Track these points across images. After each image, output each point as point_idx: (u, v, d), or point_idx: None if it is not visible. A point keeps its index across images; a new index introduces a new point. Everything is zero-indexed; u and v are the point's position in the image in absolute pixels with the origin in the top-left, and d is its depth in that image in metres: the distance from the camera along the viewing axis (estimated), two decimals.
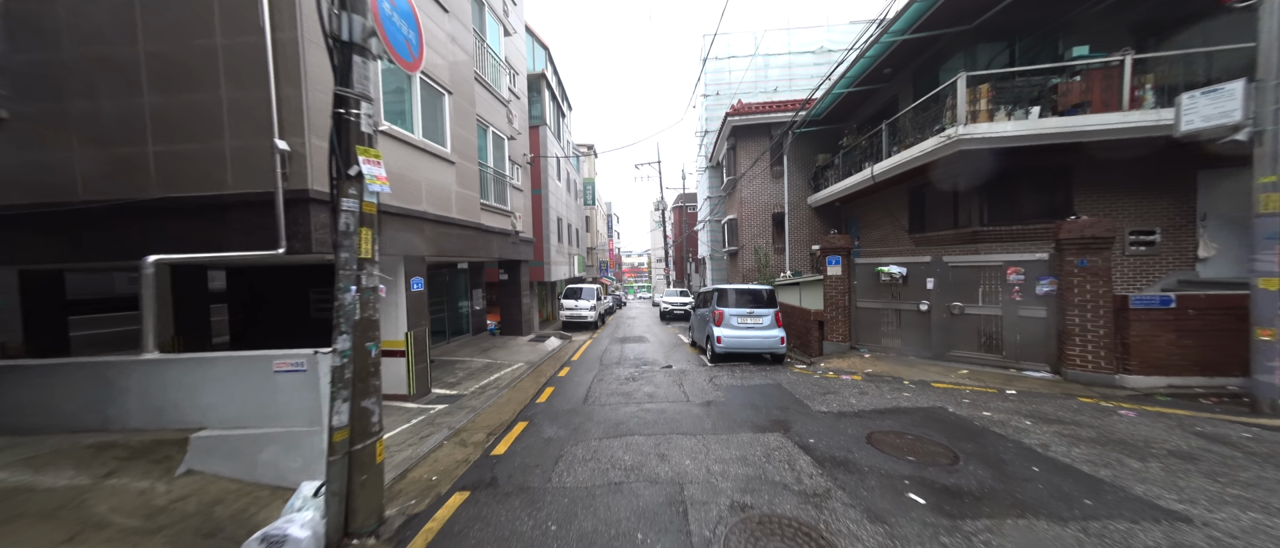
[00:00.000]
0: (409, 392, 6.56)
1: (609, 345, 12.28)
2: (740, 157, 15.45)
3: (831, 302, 8.48)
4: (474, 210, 8.50)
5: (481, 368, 9.03)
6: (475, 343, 11.87)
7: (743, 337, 8.53)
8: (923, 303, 7.36)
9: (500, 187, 10.26)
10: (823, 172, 14.07)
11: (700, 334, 10.40)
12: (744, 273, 15.27)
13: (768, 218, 15.19)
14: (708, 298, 10.09)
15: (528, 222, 13.27)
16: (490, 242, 9.65)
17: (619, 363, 9.40)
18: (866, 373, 7.10)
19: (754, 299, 8.85)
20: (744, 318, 8.70)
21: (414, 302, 6.73)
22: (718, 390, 6.59)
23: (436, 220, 7.17)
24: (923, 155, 7.93)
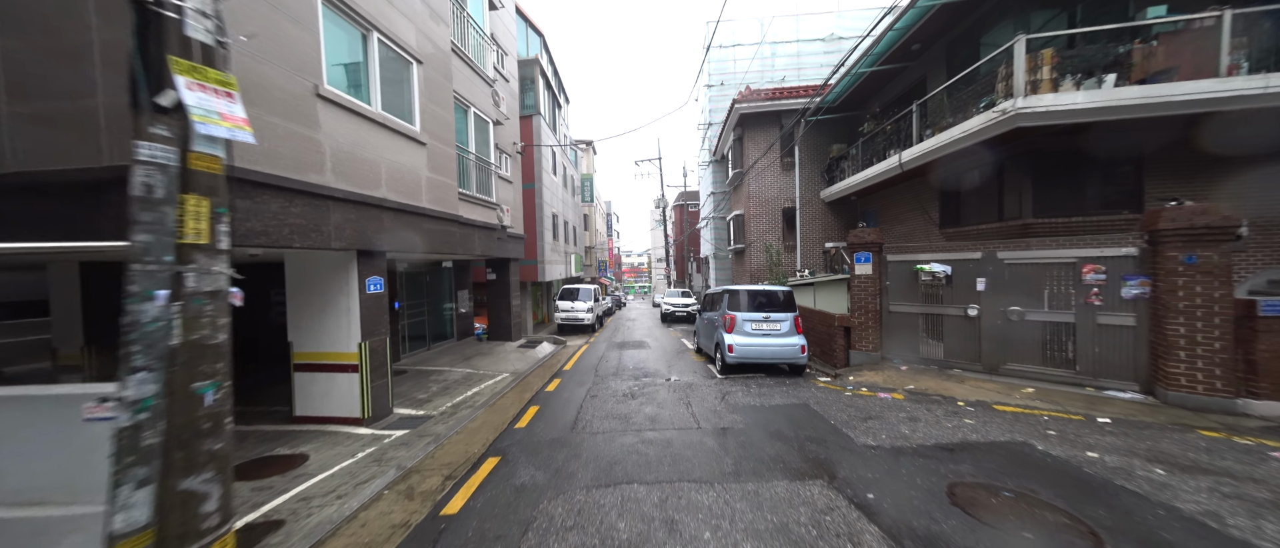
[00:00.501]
0: (363, 415, 5.41)
1: (606, 352, 11.13)
2: (748, 148, 14.30)
3: (860, 305, 7.32)
4: (450, 200, 7.35)
5: (460, 380, 7.88)
6: (458, 349, 10.72)
7: (758, 345, 7.38)
8: (970, 307, 6.21)
9: (484, 176, 9.13)
10: (837, 163, 12.92)
11: (707, 341, 9.24)
12: (752, 272, 14.13)
13: (777, 213, 14.04)
14: (716, 300, 8.93)
15: (518, 217, 12.12)
16: (472, 237, 8.49)
17: (616, 374, 8.25)
18: (908, 390, 5.95)
19: (770, 302, 7.70)
20: (759, 324, 7.55)
21: (370, 306, 5.58)
22: (733, 413, 5.44)
23: (400, 209, 6.02)
24: (966, 136, 6.78)
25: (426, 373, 8.41)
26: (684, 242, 34.93)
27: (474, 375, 8.25)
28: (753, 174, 14.03)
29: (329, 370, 5.46)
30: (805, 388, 6.61)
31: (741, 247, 15.17)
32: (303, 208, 4.43)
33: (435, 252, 6.96)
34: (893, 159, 9.10)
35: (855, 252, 7.42)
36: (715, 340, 8.27)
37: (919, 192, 9.65)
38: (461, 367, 8.96)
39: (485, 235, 9.09)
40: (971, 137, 6.71)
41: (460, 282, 12.28)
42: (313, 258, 5.47)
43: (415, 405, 6.34)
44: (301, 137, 4.42)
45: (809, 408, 5.52)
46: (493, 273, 11.70)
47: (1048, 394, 5.29)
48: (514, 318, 11.79)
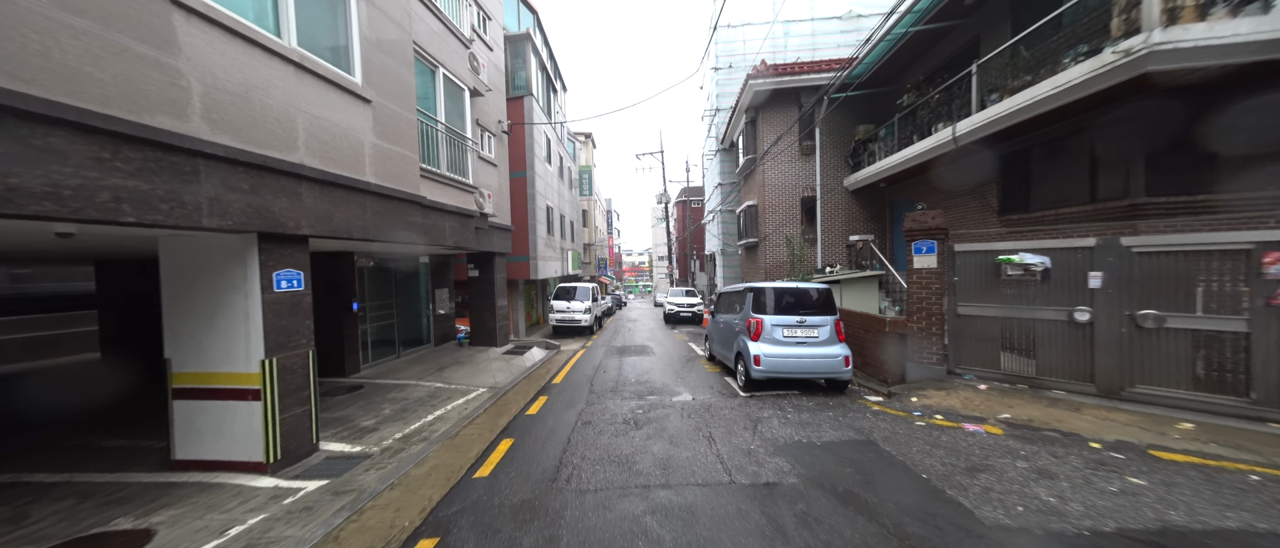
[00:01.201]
0: (268, 458, 3.91)
1: (604, 359, 9.63)
2: (762, 131, 12.78)
3: (919, 306, 5.82)
4: (408, 176, 5.84)
5: (424, 398, 6.37)
6: (433, 358, 9.21)
7: (791, 356, 5.88)
8: (1079, 310, 4.70)
9: (458, 153, 7.62)
10: (864, 146, 11.40)
11: (723, 348, 7.73)
12: (767, 269, 12.62)
13: (795, 203, 12.52)
14: (735, 301, 7.42)
15: (505, 207, 10.62)
16: (441, 224, 6.98)
17: (616, 390, 6.74)
18: (1002, 420, 4.44)
19: (804, 303, 6.20)
20: (792, 329, 6.04)
21: (281, 309, 4.07)
22: (776, 455, 3.94)
23: (330, 181, 4.51)
24: (1058, 94, 5.29)
25: (386, 388, 6.91)
26: (687, 239, 33.42)
27: (443, 392, 6.74)
28: (768, 161, 12.51)
29: (221, 397, 3.96)
30: (858, 413, 5.10)
31: (754, 241, 13.66)
32: (141, 164, 2.92)
33: (386, 239, 5.47)
34: (943, 133, 7.58)
35: (914, 239, 5.90)
36: (735, 349, 6.76)
37: (972, 172, 8.13)
38: (431, 379, 7.45)
39: (460, 223, 7.58)
40: (1069, 92, 5.20)
41: (440, 279, 10.77)
42: (197, 244, 3.97)
43: (353, 438, 4.84)
44: (140, 58, 2.91)
45: (878, 448, 4.02)
46: (475, 269, 10.19)
47: (1219, 432, 3.78)
48: (499, 320, 10.28)
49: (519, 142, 13.84)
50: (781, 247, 12.45)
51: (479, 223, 8.47)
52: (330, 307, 7.57)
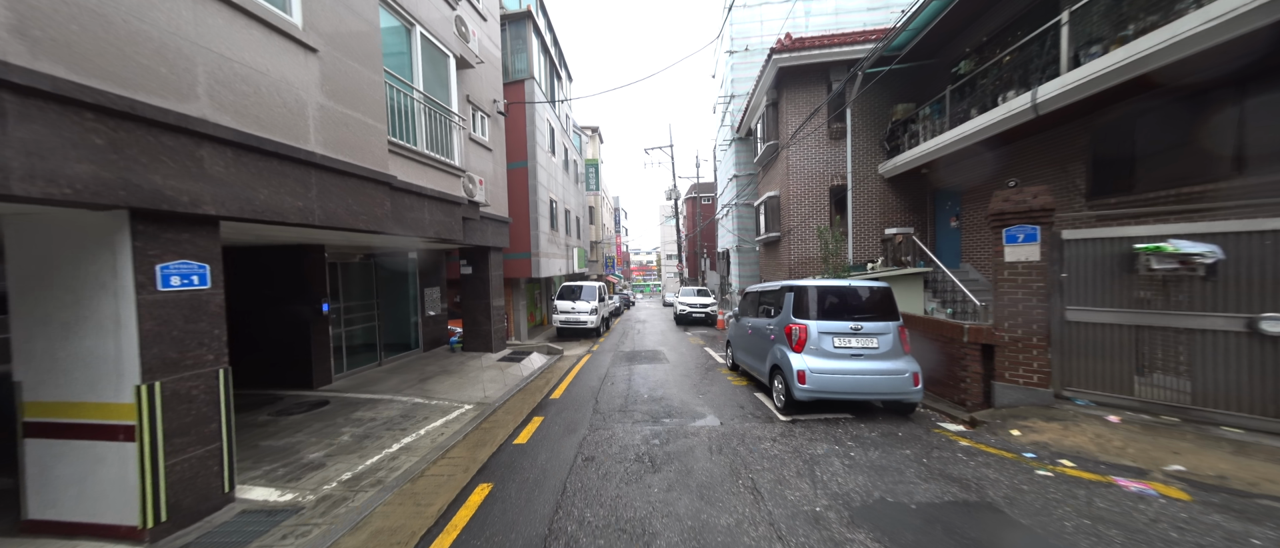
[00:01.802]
0: (143, 522, 2.81)
1: (612, 367, 8.47)
2: (785, 114, 11.50)
3: (1013, 310, 4.54)
4: (370, 150, 4.73)
5: (396, 418, 5.26)
6: (418, 365, 8.12)
7: (846, 372, 4.66)
8: (1269, 318, 3.39)
9: (442, 130, 6.50)
10: (904, 128, 10.08)
11: (751, 357, 6.51)
12: (791, 266, 11.34)
13: (823, 193, 11.23)
14: (766, 303, 6.19)
15: (501, 197, 9.51)
16: (418, 211, 5.87)
17: (625, 410, 5.57)
18: (1173, 472, 3.18)
19: (859, 306, 4.97)
20: (845, 339, 4.81)
21: (172, 316, 2.97)
22: (856, 528, 2.75)
23: (248, 146, 3.40)
24: (1211, 28, 3.97)
25: (355, 404, 5.81)
26: (697, 236, 32.15)
27: (420, 410, 5.63)
28: (792, 146, 11.22)
29: (85, 436, 2.86)
30: (944, 451, 3.87)
31: (775, 235, 12.39)
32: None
33: (340, 225, 4.36)
34: (1016, 103, 6.27)
35: (1007, 225, 4.62)
36: (769, 361, 5.54)
37: (1051, 149, 6.80)
38: (410, 393, 6.35)
39: (443, 211, 6.46)
40: (1227, 27, 3.89)
41: (430, 277, 9.69)
42: (53, 224, 2.87)
43: (289, 479, 3.72)
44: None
45: (1007, 519, 2.79)
46: (467, 265, 9.09)
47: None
48: (495, 323, 9.17)
49: (519, 129, 12.75)
50: (809, 241, 11.18)
51: (468, 213, 7.35)
52: (293, 308, 6.50)
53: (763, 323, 6.09)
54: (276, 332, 6.56)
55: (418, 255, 9.29)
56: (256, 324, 6.62)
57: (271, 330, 6.58)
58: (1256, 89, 4.47)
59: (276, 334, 6.56)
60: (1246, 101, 4.56)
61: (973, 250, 8.95)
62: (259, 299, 6.64)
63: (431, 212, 6.14)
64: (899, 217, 10.80)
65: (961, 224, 9.37)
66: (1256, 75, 4.41)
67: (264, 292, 6.64)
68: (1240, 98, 4.60)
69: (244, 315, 6.74)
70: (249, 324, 6.67)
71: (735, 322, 7.60)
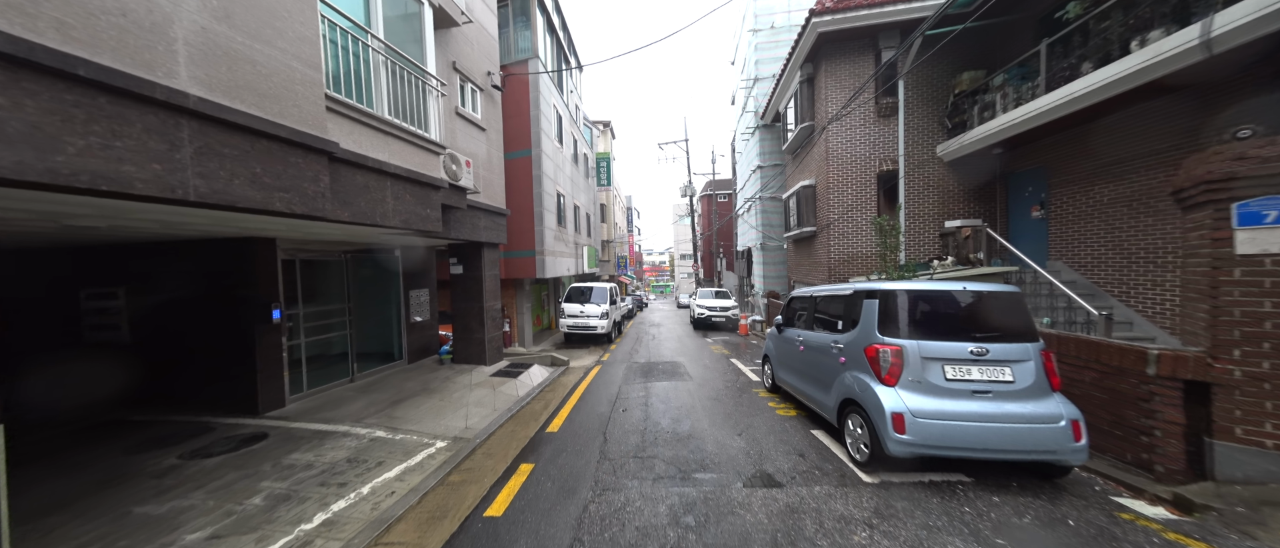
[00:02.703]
0: None
1: (624, 385, 7.06)
2: (825, 89, 9.93)
3: (1252, 331, 2.93)
4: (295, 100, 3.42)
5: (338, 465, 3.92)
6: (395, 381, 6.82)
7: (970, 416, 3.18)
8: None
9: (413, 94, 5.18)
10: (970, 100, 8.42)
11: (804, 381, 5.03)
12: (831, 265, 9.76)
13: (869, 180, 9.62)
14: (832, 312, 4.69)
15: (498, 186, 8.19)
16: (375, 191, 4.54)
17: (642, 455, 4.14)
18: None
19: (980, 318, 3.46)
20: (963, 367, 3.30)
21: None
22: None
23: (37, 66, 2.05)
24: None
25: (299, 439, 4.51)
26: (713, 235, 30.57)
27: (376, 449, 4.29)
28: (833, 127, 9.64)
29: None
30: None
31: (810, 229, 10.81)
32: None
33: (237, 202, 3.03)
34: (1172, 41, 4.61)
35: (1238, 196, 3.01)
36: (840, 392, 4.03)
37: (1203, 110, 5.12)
38: (372, 422, 5.03)
39: (415, 195, 5.12)
40: None
41: (417, 277, 8.41)
42: None
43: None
44: None
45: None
46: (458, 263, 7.79)
47: None
48: (489, 330, 7.83)
49: (522, 114, 11.45)
50: (853, 236, 9.59)
51: (452, 200, 6.02)
52: (234, 316, 5.26)
53: (822, 339, 4.59)
54: (217, 344, 5.33)
55: (403, 253, 8.02)
56: (191, 335, 5.40)
57: (212, 342, 5.35)
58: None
59: (217, 347, 5.33)
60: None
61: (1066, 245, 7.27)
62: (191, 303, 5.42)
63: (398, 195, 4.81)
64: (961, 207, 9.14)
65: (1048, 213, 7.68)
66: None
67: (198, 295, 5.42)
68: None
69: (169, 324, 5.53)
70: (181, 335, 5.44)
71: (777, 334, 6.10)
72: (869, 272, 9.42)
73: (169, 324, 5.55)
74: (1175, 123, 5.40)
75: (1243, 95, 4.73)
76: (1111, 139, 6.19)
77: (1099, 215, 6.60)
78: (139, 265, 5.61)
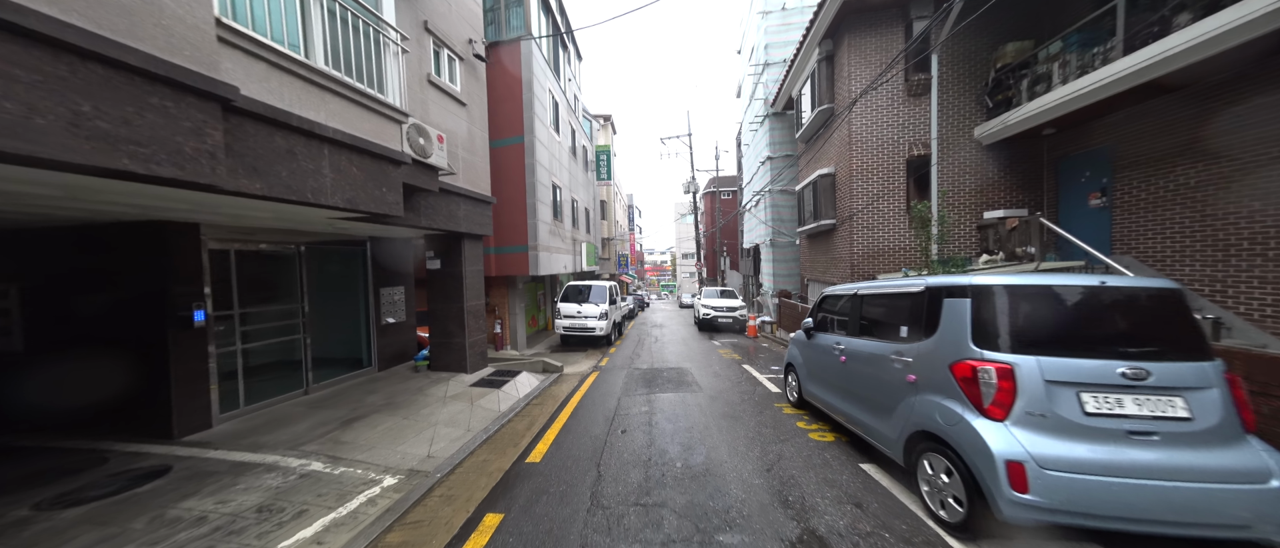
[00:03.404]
0: None
1: (624, 396, 6.04)
2: (847, 66, 8.89)
3: None
4: (171, 28, 2.40)
5: (241, 517, 2.90)
6: (357, 395, 5.79)
7: (1131, 469, 2.13)
8: None
9: (364, 46, 4.17)
10: (1015, 75, 7.39)
11: (853, 404, 4.00)
12: (854, 261, 8.73)
13: (897, 166, 8.58)
14: (885, 315, 3.67)
15: (482, 171, 7.17)
16: (307, 159, 3.53)
17: (645, 502, 3.13)
18: None
19: (1122, 325, 2.40)
20: (1111, 396, 2.25)
21: None
22: None
23: None
24: None
25: (205, 477, 3.49)
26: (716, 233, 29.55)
27: (301, 492, 3.27)
28: (857, 108, 8.60)
29: None
30: None
31: (829, 222, 9.77)
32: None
33: (42, 152, 2.03)
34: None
35: None
36: (909, 421, 3.01)
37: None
38: (311, 449, 4.01)
39: (366, 169, 4.10)
40: None
41: (388, 273, 7.39)
42: None
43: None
44: None
45: None
46: (434, 257, 6.78)
47: None
48: (471, 334, 6.82)
49: (514, 96, 10.44)
50: (880, 228, 8.55)
51: (418, 179, 5.01)
52: (143, 319, 4.25)
53: (873, 349, 3.56)
54: (126, 353, 4.32)
55: (373, 245, 7.01)
56: (98, 342, 4.40)
57: (120, 351, 4.34)
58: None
59: (125, 357, 4.32)
60: None
61: (1134, 237, 6.23)
62: (99, 305, 4.41)
63: (340, 167, 3.79)
64: (1003, 195, 8.10)
65: (1111, 201, 6.64)
66: None
67: (106, 294, 4.41)
68: None
69: (73, 329, 4.52)
70: (87, 342, 4.43)
71: (805, 341, 5.08)
72: (898, 268, 8.38)
73: (74, 330, 4.54)
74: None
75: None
76: (1209, 109, 5.13)
77: (1182, 201, 5.56)
78: (34, 259, 4.60)
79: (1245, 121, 4.79)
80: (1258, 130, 4.67)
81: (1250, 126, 4.74)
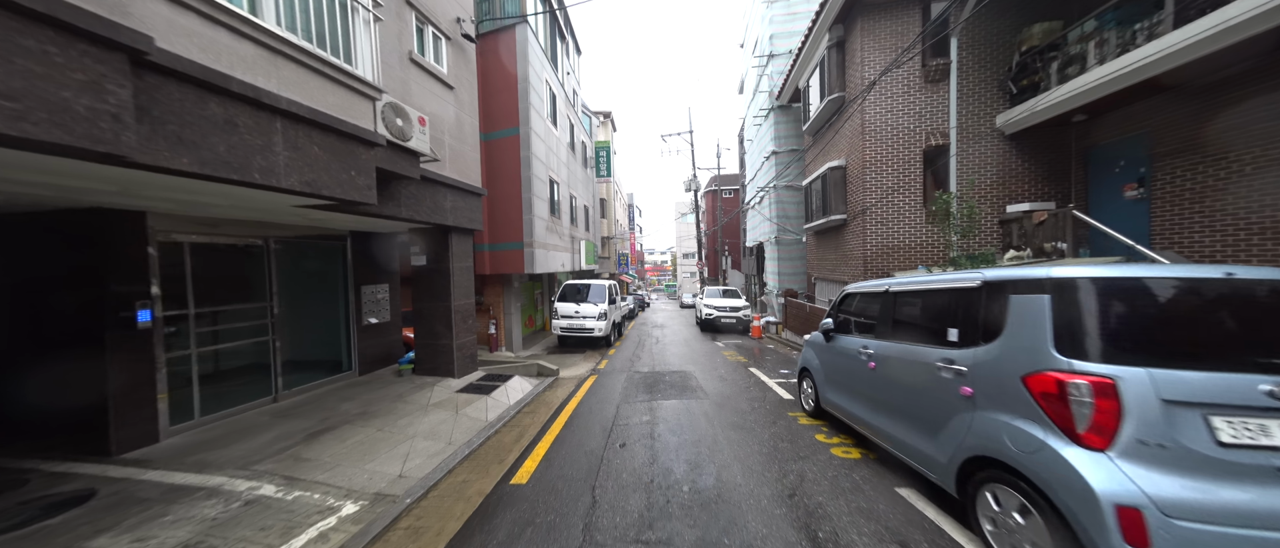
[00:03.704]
0: None
1: (624, 404, 5.51)
2: (859, 52, 8.37)
3: None
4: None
5: (189, 543, 2.36)
6: (330, 402, 5.26)
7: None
8: None
9: (330, 9, 3.64)
10: (1041, 59, 6.86)
11: (889, 419, 3.47)
12: (867, 257, 8.20)
13: (913, 157, 8.05)
14: (935, 313, 3.13)
15: (472, 162, 6.65)
16: (253, 133, 3.01)
17: (645, 534, 2.60)
18: None
19: (1267, 330, 1.83)
20: (1253, 420, 1.72)
21: None
22: None
23: None
24: None
25: (137, 503, 2.96)
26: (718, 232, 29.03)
27: (251, 515, 2.74)
28: (871, 97, 8.07)
29: None
30: None
31: (839, 218, 9.24)
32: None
33: None
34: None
35: None
36: (962, 441, 2.48)
37: None
38: (263, 469, 3.48)
39: (330, 148, 3.57)
40: None
41: (372, 270, 6.87)
42: None
43: None
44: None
45: None
46: (420, 253, 6.25)
47: None
48: (459, 335, 6.29)
49: (509, 88, 9.93)
50: (893, 223, 8.03)
51: (395, 163, 4.48)
52: (80, 317, 3.73)
53: (913, 354, 3.03)
54: (62, 357, 3.81)
55: (354, 240, 6.48)
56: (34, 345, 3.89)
57: (57, 355, 3.83)
58: None
59: (62, 362, 3.81)
60: None
61: (1177, 231, 5.70)
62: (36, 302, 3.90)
63: (296, 143, 3.26)
64: (1026, 188, 7.57)
65: (1150, 192, 6.11)
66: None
67: (44, 290, 3.90)
68: None
69: (7, 328, 3.99)
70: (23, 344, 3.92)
71: (823, 343, 4.55)
72: (913, 264, 7.86)
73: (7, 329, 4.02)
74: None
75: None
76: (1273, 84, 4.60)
77: (1236, 190, 5.03)
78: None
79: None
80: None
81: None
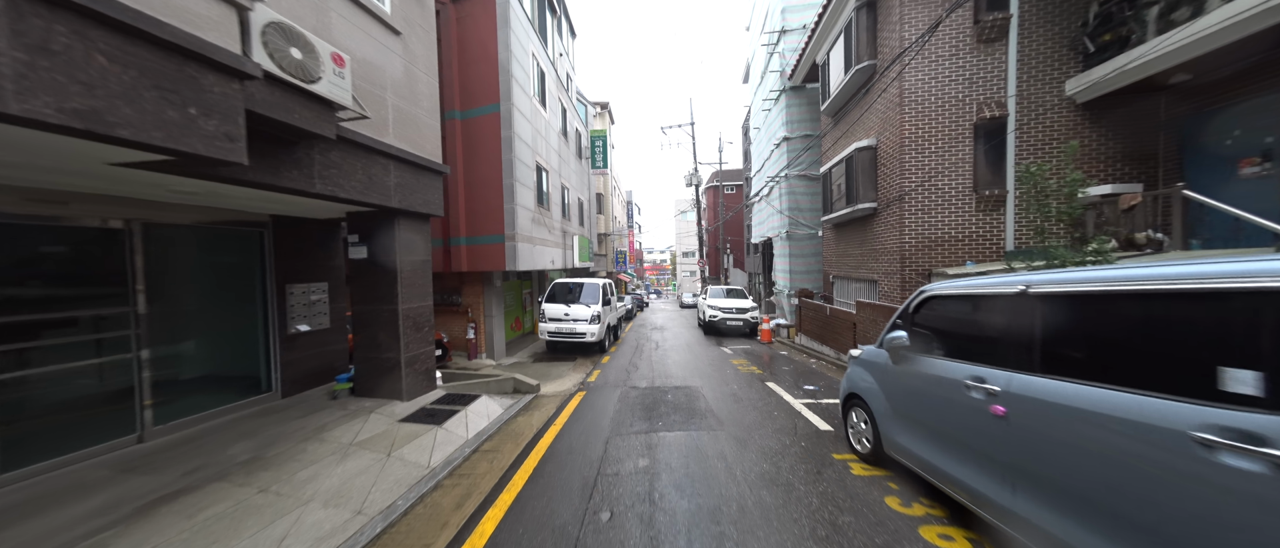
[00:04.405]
0: None
1: (613, 439, 4.13)
2: (897, 9, 7.00)
3: None
4: None
5: None
6: (223, 441, 3.88)
7: None
8: None
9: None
10: (1124, 11, 5.52)
11: (1015, 490, 2.13)
12: (904, 253, 6.84)
13: (962, 132, 6.70)
14: (1176, 338, 1.73)
15: (429, 130, 5.27)
16: None
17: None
18: None
19: None
20: None
21: None
22: None
23: None
24: None
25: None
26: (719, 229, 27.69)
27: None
28: (909, 63, 6.71)
29: None
30: None
31: (867, 206, 7.88)
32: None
33: None
34: None
35: None
36: None
37: None
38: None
39: (140, 64, 2.19)
40: None
41: (301, 265, 5.47)
42: None
43: None
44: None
45: None
46: (358, 242, 4.88)
47: None
48: (409, 346, 4.92)
49: (489, 57, 8.56)
50: (943, 209, 6.69)
51: (289, 110, 3.11)
52: None
53: (1120, 410, 1.66)
54: None
55: (269, 222, 5.08)
56: None
57: None
58: None
59: None
60: None
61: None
62: None
63: (51, 45, 1.89)
64: (1102, 168, 6.24)
65: (1277, 167, 4.76)
66: None
67: None
68: None
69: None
70: None
71: (888, 366, 3.22)
72: (963, 260, 6.51)
73: None
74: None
75: None
76: None
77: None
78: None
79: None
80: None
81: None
